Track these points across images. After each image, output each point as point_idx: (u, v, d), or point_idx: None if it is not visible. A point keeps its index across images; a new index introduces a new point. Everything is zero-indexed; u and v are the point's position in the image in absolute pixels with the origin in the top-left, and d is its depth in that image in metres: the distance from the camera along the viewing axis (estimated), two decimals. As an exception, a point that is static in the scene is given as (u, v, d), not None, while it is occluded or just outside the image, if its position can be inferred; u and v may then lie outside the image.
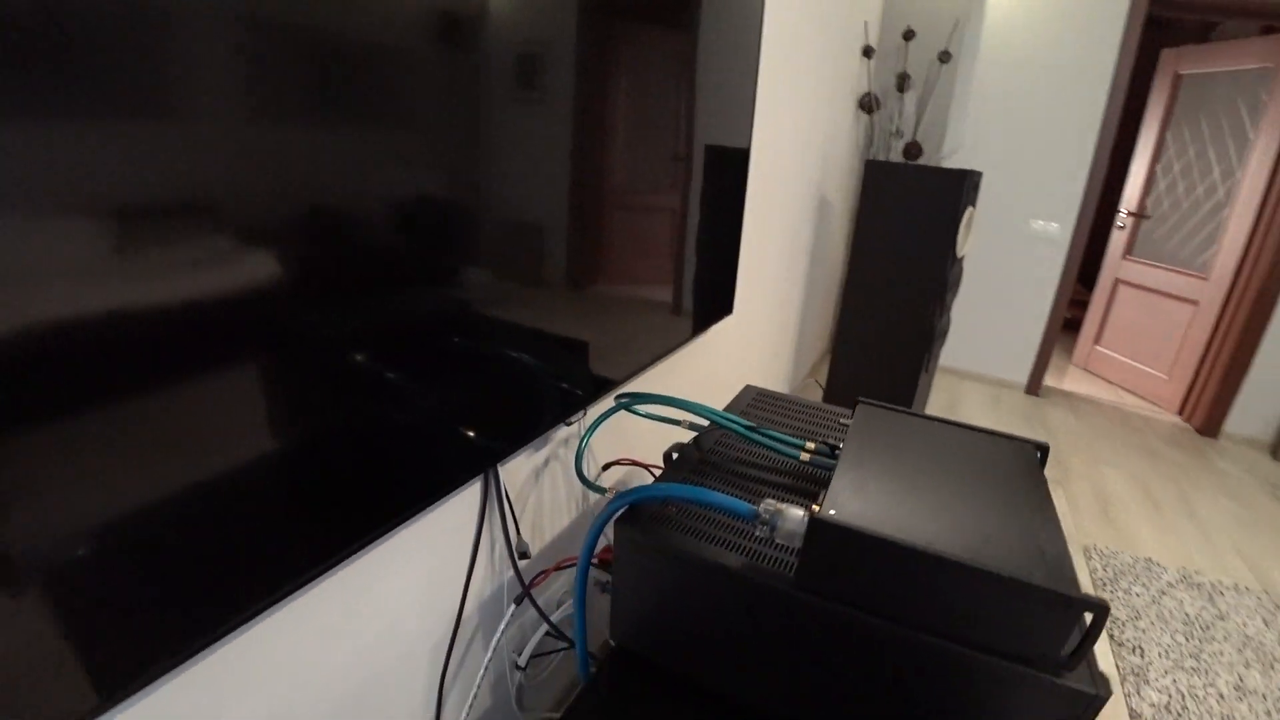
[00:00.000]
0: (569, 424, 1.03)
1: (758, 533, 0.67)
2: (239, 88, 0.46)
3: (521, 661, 1.03)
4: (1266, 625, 1.84)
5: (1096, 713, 0.60)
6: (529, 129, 0.74)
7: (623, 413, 1.01)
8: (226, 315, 0.47)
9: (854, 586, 0.63)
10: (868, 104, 2.78)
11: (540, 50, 0.74)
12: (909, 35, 2.62)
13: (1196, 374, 3.24)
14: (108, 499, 0.42)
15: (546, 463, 1.07)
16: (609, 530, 0.77)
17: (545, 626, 1.01)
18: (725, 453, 0.93)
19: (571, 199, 0.84)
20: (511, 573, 1.01)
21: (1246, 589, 1.99)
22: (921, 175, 2.17)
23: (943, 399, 3.32)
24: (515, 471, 0.98)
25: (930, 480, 0.72)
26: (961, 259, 2.43)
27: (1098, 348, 3.86)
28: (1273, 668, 1.68)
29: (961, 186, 2.11)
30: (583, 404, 0.99)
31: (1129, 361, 3.65)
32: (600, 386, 1.00)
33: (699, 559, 0.70)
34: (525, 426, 0.85)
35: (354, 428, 0.59)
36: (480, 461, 0.78)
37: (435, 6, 0.60)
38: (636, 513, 0.77)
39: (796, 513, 0.66)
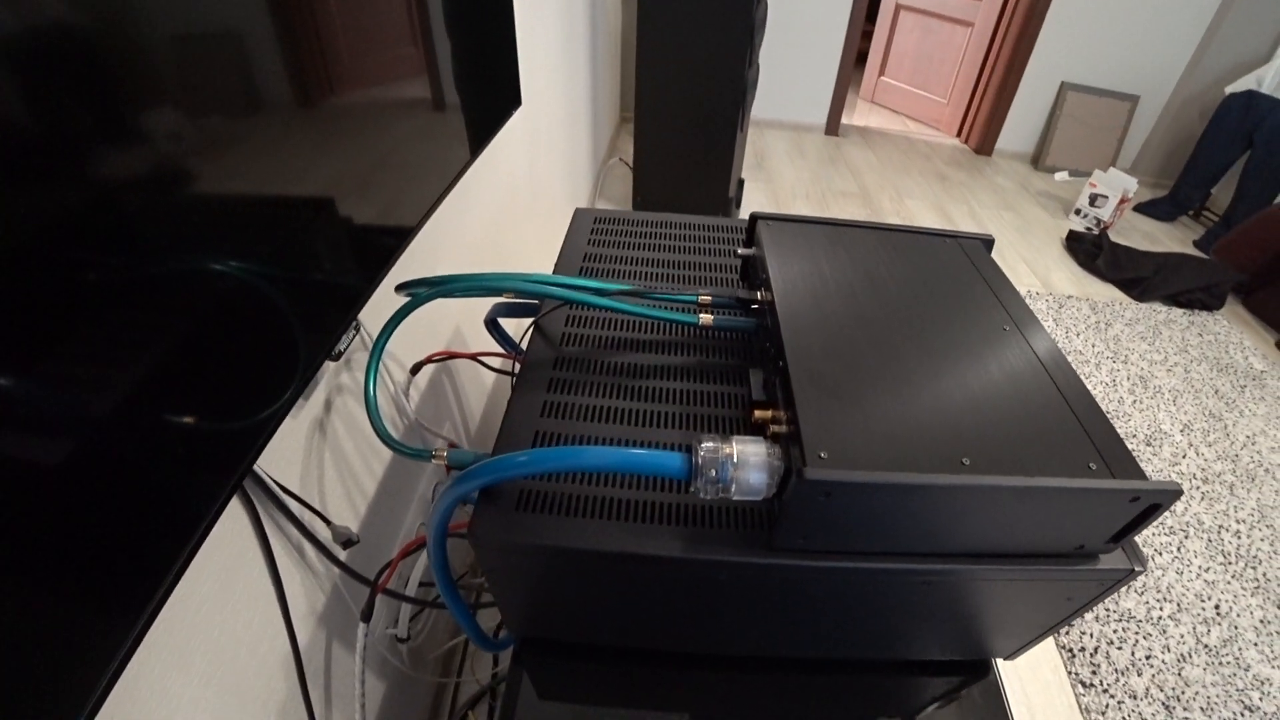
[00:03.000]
0: (337, 357, 0.64)
1: (702, 494, 0.41)
2: None
3: (402, 634, 0.78)
4: (1055, 324, 2.11)
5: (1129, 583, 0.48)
6: None
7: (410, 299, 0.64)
8: None
9: (860, 535, 0.41)
10: None
11: None
12: None
13: (972, 97, 3.39)
14: None
15: (328, 404, 0.70)
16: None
17: (413, 601, 0.74)
18: (584, 334, 0.63)
19: None
20: (339, 571, 0.69)
21: (1037, 294, 2.25)
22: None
23: (748, 153, 3.18)
24: (285, 445, 0.60)
25: (903, 338, 0.49)
26: (770, -5, 2.08)
27: (883, 78, 3.89)
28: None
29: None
30: (352, 310, 0.59)
31: (912, 89, 3.74)
32: (371, 269, 0.60)
33: (612, 553, 0.43)
34: (272, 390, 0.45)
35: None
36: (220, 476, 0.39)
37: None
38: (493, 497, 0.47)
39: (756, 453, 0.40)
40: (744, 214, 2.63)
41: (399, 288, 0.63)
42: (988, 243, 0.65)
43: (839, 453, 0.38)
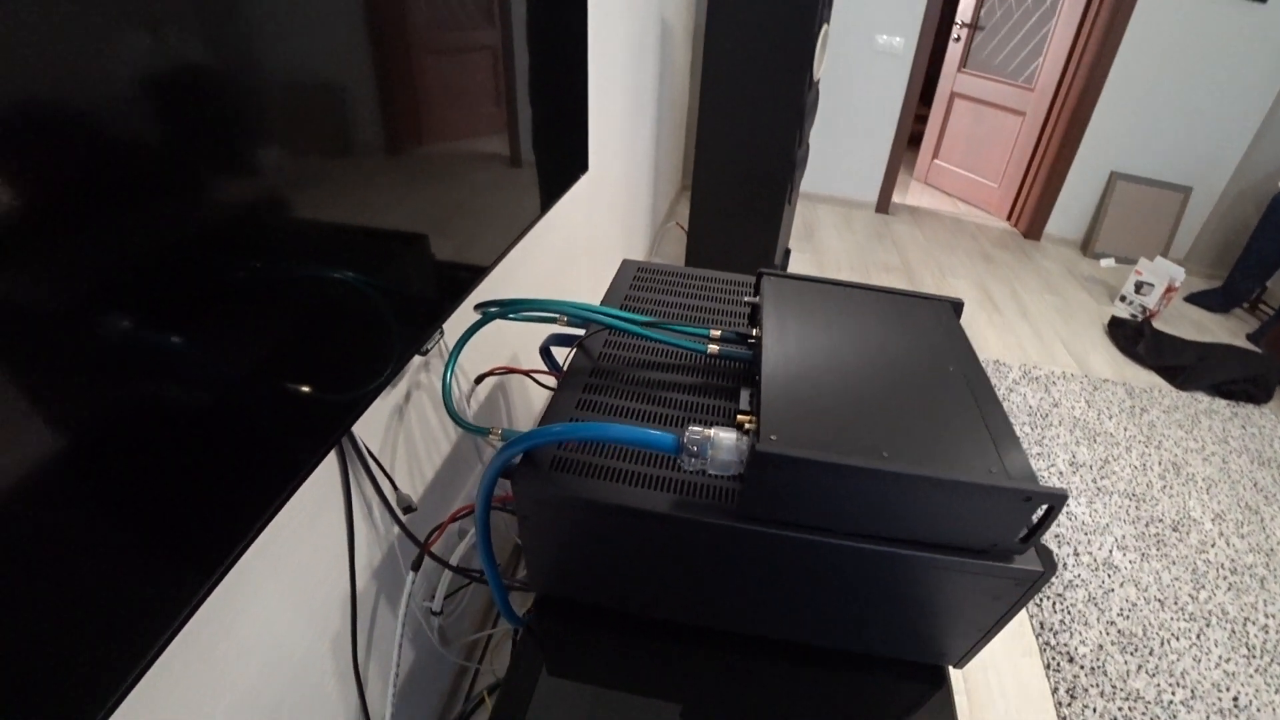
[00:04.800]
0: (424, 353, 0.82)
1: (685, 466, 0.54)
2: None
3: (436, 607, 0.91)
4: (1089, 405, 2.14)
5: (1042, 587, 0.58)
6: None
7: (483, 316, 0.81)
8: None
9: (804, 509, 0.53)
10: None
11: None
12: None
13: (1023, 182, 3.50)
14: None
15: (408, 396, 0.87)
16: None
17: (453, 569, 0.87)
18: (617, 355, 0.78)
19: (370, 41, 0.55)
20: (398, 531, 0.84)
21: (1072, 375, 2.29)
22: (771, -8, 1.93)
23: (798, 224, 3.35)
24: (371, 421, 0.77)
25: (861, 368, 0.62)
26: (817, 82, 2.29)
27: (937, 161, 4.05)
28: (1095, 441, 1.97)
29: (816, 1, 1.91)
30: (437, 320, 0.76)
31: (964, 173, 3.87)
32: (453, 292, 0.78)
33: (621, 506, 0.57)
34: (373, 372, 0.62)
35: (135, 437, 0.35)
36: (327, 433, 0.56)
37: None
38: (533, 460, 0.61)
39: (728, 438, 0.53)
40: None
41: (476, 306, 0.80)
42: (956, 305, 0.78)
43: (787, 438, 0.51)
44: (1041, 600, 1.49)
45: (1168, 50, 2.92)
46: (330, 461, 0.69)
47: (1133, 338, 2.47)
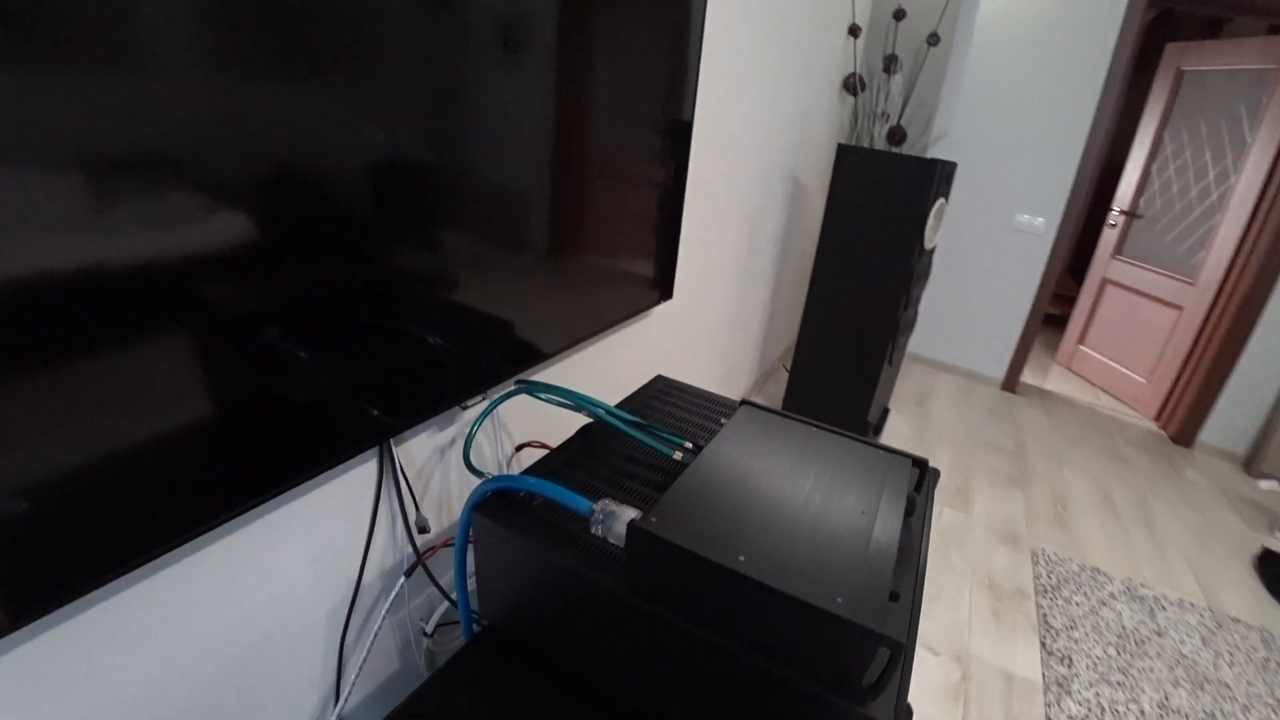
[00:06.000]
0: (465, 408, 1.03)
1: (594, 530, 0.67)
2: (204, 36, 0.46)
3: (429, 629, 1.05)
4: (1204, 644, 1.84)
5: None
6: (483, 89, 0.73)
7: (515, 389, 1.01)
8: (175, 275, 0.49)
9: (671, 592, 0.63)
10: (853, 85, 2.71)
11: (520, 12, 0.75)
12: (899, 15, 2.54)
13: (1176, 381, 3.20)
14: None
15: (452, 442, 1.07)
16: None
17: (435, 583, 1.02)
18: (610, 444, 0.92)
19: (552, 166, 0.84)
20: (409, 545, 1.02)
21: (1191, 605, 1.99)
22: (891, 163, 2.13)
23: (912, 388, 3.30)
24: (418, 448, 0.98)
25: (783, 492, 0.72)
26: (930, 251, 2.39)
27: (1081, 347, 3.82)
28: (1202, 689, 1.68)
29: (931, 177, 2.07)
30: (485, 387, 0.98)
31: (1110, 363, 3.61)
32: (512, 366, 0.99)
33: (536, 550, 0.70)
34: (424, 405, 0.84)
35: (256, 387, 0.59)
36: (375, 434, 0.78)
37: None
38: (502, 499, 0.77)
39: (627, 515, 0.66)
40: (884, 439, 2.75)
41: (515, 381, 1.00)
42: (922, 466, 0.83)
43: (666, 523, 0.62)
44: None
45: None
46: (371, 469, 0.89)
47: (1288, 583, 2.09)
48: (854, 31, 2.60)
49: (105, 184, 0.44)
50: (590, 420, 0.97)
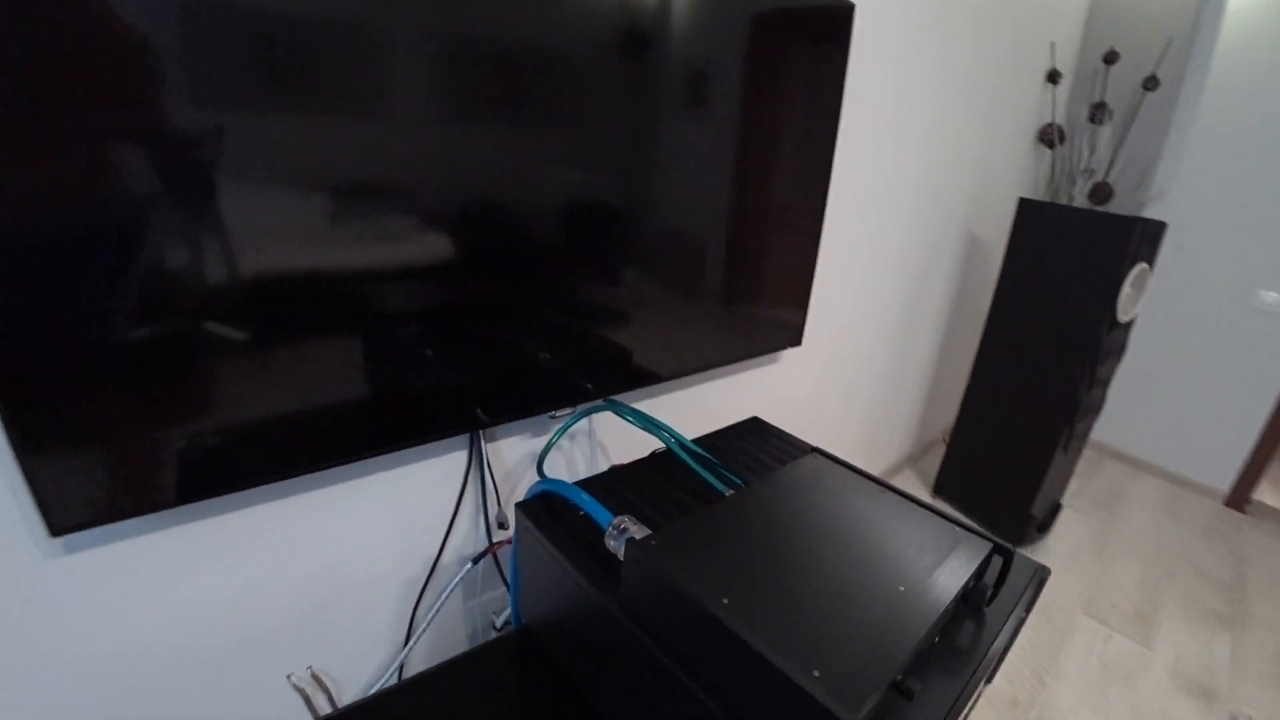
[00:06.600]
0: (554, 417, 1.09)
1: (607, 543, 0.68)
2: (434, 92, 0.62)
3: (498, 624, 1.12)
4: None
5: None
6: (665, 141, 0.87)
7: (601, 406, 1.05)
8: (376, 279, 0.65)
9: (657, 619, 0.62)
10: (1049, 137, 2.44)
11: (705, 70, 0.87)
12: (1111, 58, 2.24)
13: None
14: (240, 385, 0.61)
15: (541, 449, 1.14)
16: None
17: (499, 569, 1.09)
18: (674, 473, 0.93)
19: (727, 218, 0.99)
20: (486, 535, 1.10)
21: None
22: (1080, 220, 1.88)
23: (1100, 487, 2.80)
24: (509, 450, 1.07)
25: (812, 545, 0.67)
26: (1127, 324, 2.05)
27: (1360, 472, 2.97)
28: None
29: (1129, 238, 1.79)
30: (578, 401, 1.03)
31: (1405, 498, 2.76)
32: (614, 387, 1.06)
33: (556, 554, 0.73)
34: (517, 407, 0.93)
35: (394, 366, 0.72)
36: (468, 424, 0.87)
37: (620, 24, 0.73)
38: (552, 505, 0.81)
39: (638, 530, 0.66)
40: (1051, 540, 2.39)
41: (605, 399, 1.05)
42: (1006, 555, 0.72)
43: (668, 549, 0.62)
44: None
45: None
46: (460, 460, 0.99)
47: None
48: (1053, 78, 2.35)
49: (344, 206, 0.59)
50: (661, 447, 0.99)
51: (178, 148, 0.52)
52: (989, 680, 0.80)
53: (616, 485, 0.87)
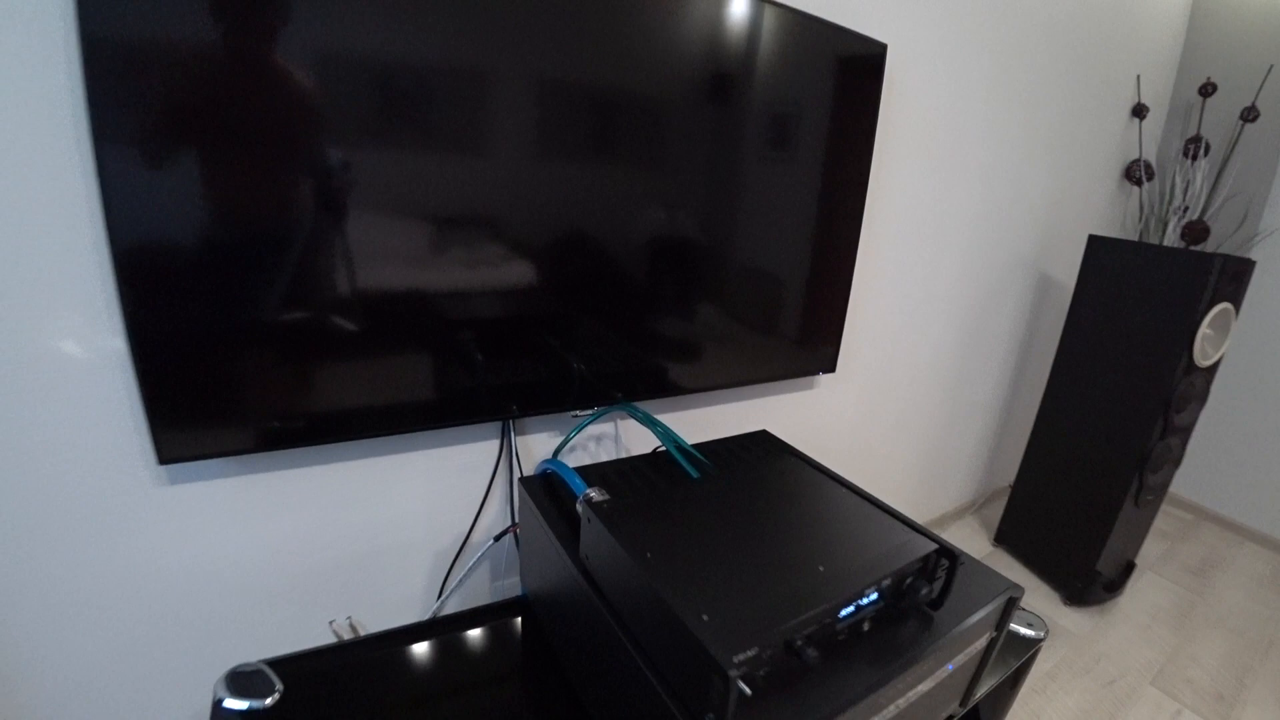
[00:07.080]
0: (575, 415, 1.21)
1: (578, 509, 0.78)
2: (532, 133, 0.75)
3: None
4: None
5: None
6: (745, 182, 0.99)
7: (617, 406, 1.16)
8: (463, 298, 0.80)
9: (602, 574, 0.70)
10: (1135, 174, 2.32)
11: (787, 112, 1.00)
12: (1208, 90, 2.12)
13: None
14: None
15: (571, 447, 1.26)
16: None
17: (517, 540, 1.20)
18: (673, 473, 0.99)
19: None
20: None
21: None
22: (1151, 257, 1.80)
23: (1193, 551, 2.55)
24: (537, 444, 1.19)
25: (756, 528, 0.74)
26: (1208, 369, 1.91)
27: None
28: None
29: (1207, 275, 1.69)
30: (599, 404, 1.14)
31: None
32: (639, 394, 1.16)
33: (539, 520, 0.84)
34: (543, 404, 1.05)
35: (448, 363, 0.86)
36: (501, 413, 1.01)
37: (705, 70, 0.86)
38: (548, 481, 0.93)
39: (600, 495, 0.76)
40: (1123, 601, 2.22)
41: (621, 402, 1.16)
42: (950, 557, 0.75)
43: (613, 511, 0.71)
44: None
45: None
46: (492, 449, 1.12)
47: None
48: (1139, 112, 2.25)
49: (444, 234, 0.73)
50: (662, 447, 1.09)
51: (318, 177, 0.67)
52: (962, 704, 0.82)
53: (610, 473, 0.98)
